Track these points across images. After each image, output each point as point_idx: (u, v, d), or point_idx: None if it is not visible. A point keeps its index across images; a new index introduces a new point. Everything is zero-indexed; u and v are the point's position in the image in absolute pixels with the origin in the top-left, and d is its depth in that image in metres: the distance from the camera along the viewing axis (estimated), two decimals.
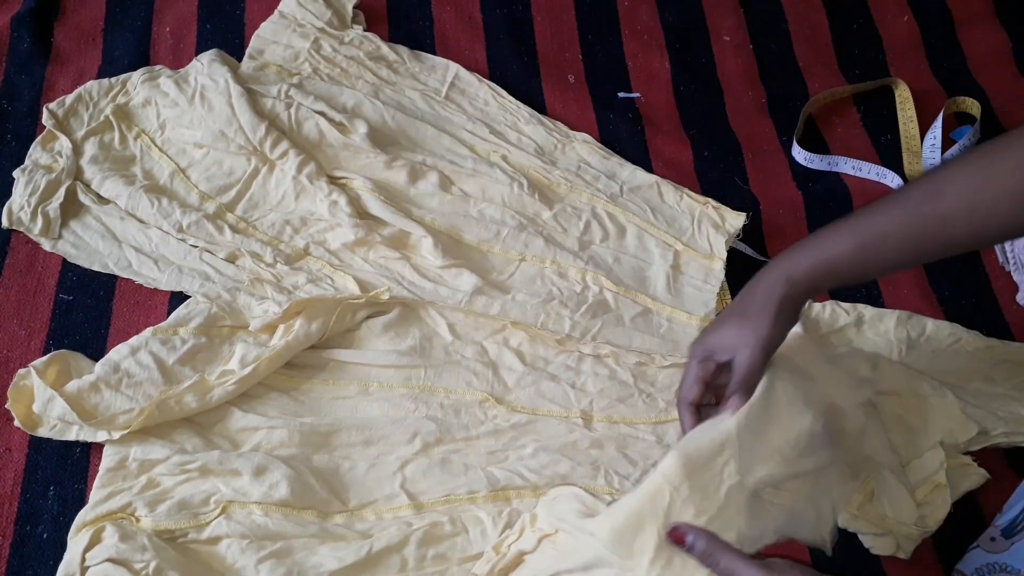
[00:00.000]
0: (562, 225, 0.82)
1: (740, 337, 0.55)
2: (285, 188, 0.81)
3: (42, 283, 0.76)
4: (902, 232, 0.53)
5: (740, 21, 0.98)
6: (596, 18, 0.98)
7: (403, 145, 0.85)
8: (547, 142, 0.87)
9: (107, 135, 0.83)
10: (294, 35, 0.90)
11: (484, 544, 0.65)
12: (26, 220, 0.77)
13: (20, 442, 0.68)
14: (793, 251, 0.56)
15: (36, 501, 0.66)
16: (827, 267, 0.55)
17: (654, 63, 0.95)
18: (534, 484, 0.68)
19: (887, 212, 0.54)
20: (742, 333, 0.55)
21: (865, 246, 0.54)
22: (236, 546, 0.63)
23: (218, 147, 0.82)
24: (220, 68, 0.83)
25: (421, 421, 0.70)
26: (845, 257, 0.54)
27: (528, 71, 0.93)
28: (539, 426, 0.71)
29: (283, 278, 0.76)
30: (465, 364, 0.74)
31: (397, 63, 0.91)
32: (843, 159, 0.89)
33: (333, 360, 0.73)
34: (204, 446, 0.67)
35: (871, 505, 0.65)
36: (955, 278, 0.82)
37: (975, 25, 0.99)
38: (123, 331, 0.74)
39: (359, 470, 0.68)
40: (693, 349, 0.58)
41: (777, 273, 0.55)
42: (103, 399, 0.67)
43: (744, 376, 0.54)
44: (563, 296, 0.77)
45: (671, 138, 0.90)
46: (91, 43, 0.92)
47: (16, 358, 0.72)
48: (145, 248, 0.77)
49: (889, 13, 1.00)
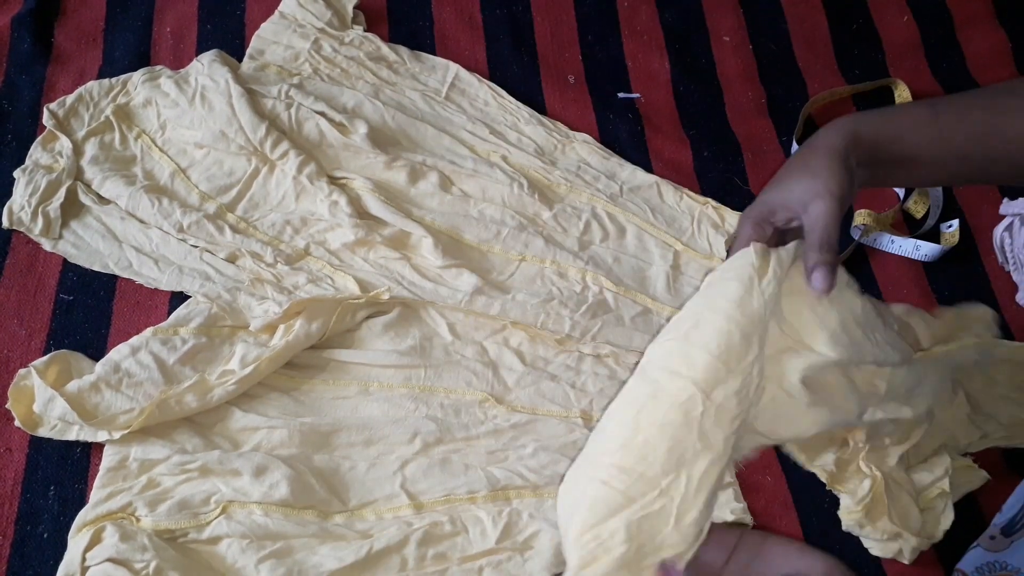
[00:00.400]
0: (562, 225, 0.82)
1: (809, 189, 0.47)
2: (285, 188, 0.81)
3: (43, 283, 0.76)
4: (978, 122, 0.49)
5: (740, 21, 0.98)
6: (596, 18, 0.98)
7: (403, 145, 0.85)
8: (547, 142, 0.87)
9: (107, 135, 0.83)
10: (294, 35, 0.90)
11: (484, 544, 0.65)
12: (27, 220, 0.77)
13: (20, 442, 0.68)
14: (860, 113, 0.51)
15: (36, 501, 0.66)
16: (895, 129, 0.49)
17: (654, 63, 0.95)
18: (534, 484, 0.68)
19: (967, 99, 0.50)
20: (812, 184, 0.47)
21: (939, 117, 0.49)
22: (236, 546, 0.63)
23: (218, 147, 0.82)
24: (220, 68, 0.84)
25: (421, 421, 0.70)
26: (919, 121, 0.49)
27: (528, 71, 0.93)
28: (539, 426, 0.71)
29: (283, 278, 0.76)
30: (465, 364, 0.74)
31: (397, 63, 0.91)
32: None
33: (333, 360, 0.73)
34: (204, 446, 0.67)
35: (877, 510, 0.65)
36: (955, 278, 0.82)
37: (975, 25, 0.99)
38: (123, 331, 0.74)
39: (359, 470, 0.68)
40: (747, 212, 0.50)
41: (841, 128, 0.49)
42: (103, 399, 0.67)
43: (823, 235, 0.46)
44: (563, 296, 0.77)
45: (671, 138, 0.90)
46: (91, 43, 0.92)
47: (16, 358, 0.73)
48: (145, 248, 0.77)
49: (889, 13, 1.00)
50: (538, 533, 0.66)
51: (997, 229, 0.83)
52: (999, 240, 0.83)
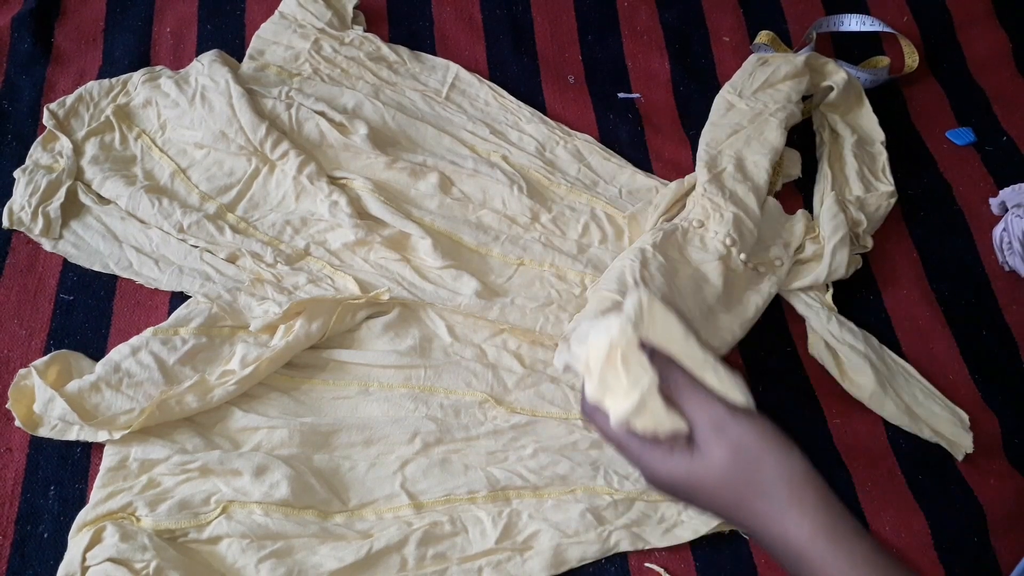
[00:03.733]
0: (560, 228, 0.82)
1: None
2: (285, 188, 0.81)
3: (43, 283, 0.77)
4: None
5: (740, 21, 0.98)
6: (596, 18, 0.98)
7: (403, 146, 0.85)
8: (548, 140, 0.87)
9: (108, 135, 0.83)
10: (294, 36, 0.90)
11: (484, 544, 0.65)
12: (27, 220, 0.77)
13: (21, 442, 0.68)
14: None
15: (37, 501, 0.67)
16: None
17: (654, 63, 0.95)
18: (534, 484, 0.68)
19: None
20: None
21: None
22: (236, 546, 0.63)
23: (219, 147, 0.82)
24: (221, 68, 0.84)
25: (421, 421, 0.70)
26: None
27: (528, 71, 0.93)
28: (539, 427, 0.71)
29: (283, 278, 0.76)
30: (465, 365, 0.74)
31: (397, 63, 0.91)
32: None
33: (333, 360, 0.73)
34: (204, 446, 0.67)
35: None
36: (955, 278, 0.83)
37: (975, 25, 0.99)
38: (124, 331, 0.74)
39: (359, 470, 0.68)
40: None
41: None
42: (104, 399, 0.67)
43: None
44: (562, 300, 0.77)
45: (671, 138, 0.90)
46: (91, 43, 0.92)
47: (16, 358, 0.73)
48: (146, 248, 0.77)
49: (889, 13, 1.00)
50: (538, 533, 0.66)
51: (996, 229, 0.83)
52: (998, 240, 0.83)
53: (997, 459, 0.73)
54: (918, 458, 0.72)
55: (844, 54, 0.95)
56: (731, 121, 0.84)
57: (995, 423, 0.74)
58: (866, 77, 0.91)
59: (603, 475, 0.69)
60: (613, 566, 0.66)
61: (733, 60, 0.95)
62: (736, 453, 0.45)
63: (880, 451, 0.73)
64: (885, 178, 0.84)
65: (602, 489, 0.68)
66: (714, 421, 0.46)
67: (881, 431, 0.74)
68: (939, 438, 0.72)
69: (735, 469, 0.45)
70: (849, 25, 0.95)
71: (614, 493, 0.68)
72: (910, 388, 0.74)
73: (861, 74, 0.90)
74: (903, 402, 0.73)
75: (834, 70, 0.87)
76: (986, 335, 0.79)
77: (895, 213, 0.85)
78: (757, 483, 0.45)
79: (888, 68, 0.93)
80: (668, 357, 0.48)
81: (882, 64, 0.94)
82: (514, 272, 0.79)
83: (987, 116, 0.92)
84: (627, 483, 0.69)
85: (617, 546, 0.66)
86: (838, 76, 0.87)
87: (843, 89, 0.86)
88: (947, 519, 0.69)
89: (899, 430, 0.73)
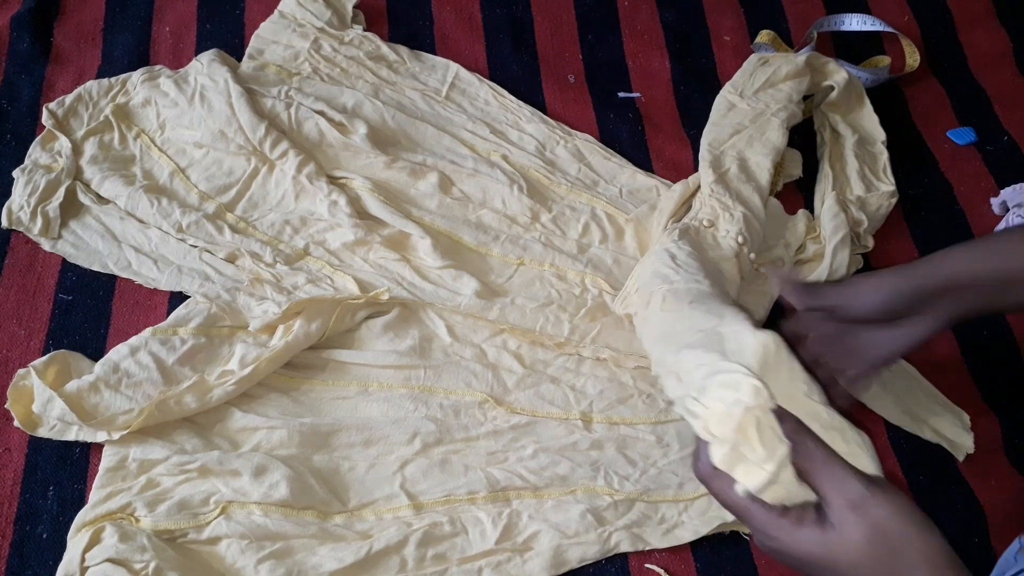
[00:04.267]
0: (561, 228, 0.82)
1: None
2: (285, 188, 0.81)
3: (42, 283, 0.76)
4: None
5: (740, 21, 0.98)
6: (596, 18, 0.98)
7: (403, 145, 0.85)
8: (549, 139, 0.87)
9: (107, 135, 0.83)
10: (294, 35, 0.90)
11: (483, 545, 0.65)
12: (26, 220, 0.77)
13: (20, 442, 0.68)
14: None
15: (36, 501, 0.66)
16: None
17: (654, 63, 0.95)
18: (534, 485, 0.68)
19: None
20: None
21: None
22: (236, 546, 0.63)
23: (218, 147, 0.82)
24: (220, 68, 0.83)
25: (421, 421, 0.70)
26: None
27: (528, 71, 0.93)
28: (539, 427, 0.71)
29: (283, 278, 0.76)
30: (465, 365, 0.73)
31: (397, 63, 0.91)
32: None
33: (333, 360, 0.73)
34: (204, 446, 0.67)
35: None
36: None
37: (975, 25, 0.99)
38: (123, 331, 0.74)
39: (359, 470, 0.68)
40: (814, 291, 0.60)
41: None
42: (103, 399, 0.67)
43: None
44: (562, 299, 0.77)
45: (671, 138, 0.90)
46: (91, 43, 0.92)
47: (16, 358, 0.72)
48: (145, 248, 0.77)
49: (889, 13, 1.00)
50: (538, 534, 0.66)
51: (997, 229, 0.83)
52: None
53: (997, 459, 0.73)
54: (919, 458, 0.72)
55: (845, 54, 0.95)
56: (732, 121, 0.84)
57: (995, 424, 0.74)
58: (867, 77, 0.91)
59: (603, 476, 0.69)
60: (613, 567, 0.66)
61: (734, 60, 0.95)
62: (875, 533, 0.43)
63: (881, 451, 0.72)
64: (886, 178, 0.84)
65: (602, 490, 0.68)
66: (851, 500, 0.43)
67: (882, 431, 0.74)
68: (940, 439, 0.72)
69: (874, 550, 0.43)
70: (850, 25, 0.95)
71: (614, 494, 0.68)
72: (911, 388, 0.74)
73: (862, 74, 0.90)
74: (904, 402, 0.73)
75: (835, 70, 0.87)
76: (986, 335, 0.79)
77: (896, 213, 0.84)
78: (897, 565, 0.43)
79: (889, 68, 0.93)
80: (797, 422, 0.45)
81: (883, 64, 0.93)
82: (514, 272, 0.79)
83: (988, 116, 0.92)
84: (627, 484, 0.68)
85: (617, 547, 0.66)
86: (839, 76, 0.87)
87: (844, 89, 0.86)
88: (947, 519, 0.69)
89: (900, 430, 0.73)
